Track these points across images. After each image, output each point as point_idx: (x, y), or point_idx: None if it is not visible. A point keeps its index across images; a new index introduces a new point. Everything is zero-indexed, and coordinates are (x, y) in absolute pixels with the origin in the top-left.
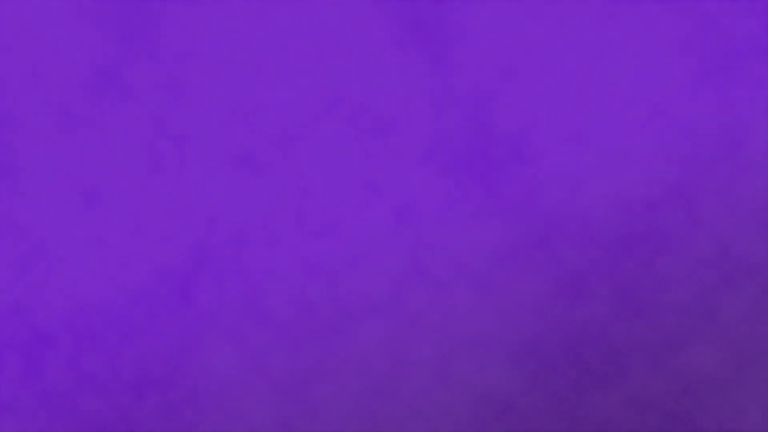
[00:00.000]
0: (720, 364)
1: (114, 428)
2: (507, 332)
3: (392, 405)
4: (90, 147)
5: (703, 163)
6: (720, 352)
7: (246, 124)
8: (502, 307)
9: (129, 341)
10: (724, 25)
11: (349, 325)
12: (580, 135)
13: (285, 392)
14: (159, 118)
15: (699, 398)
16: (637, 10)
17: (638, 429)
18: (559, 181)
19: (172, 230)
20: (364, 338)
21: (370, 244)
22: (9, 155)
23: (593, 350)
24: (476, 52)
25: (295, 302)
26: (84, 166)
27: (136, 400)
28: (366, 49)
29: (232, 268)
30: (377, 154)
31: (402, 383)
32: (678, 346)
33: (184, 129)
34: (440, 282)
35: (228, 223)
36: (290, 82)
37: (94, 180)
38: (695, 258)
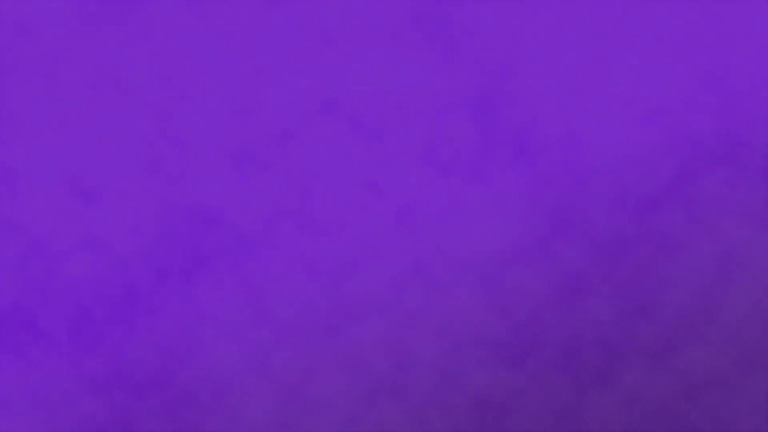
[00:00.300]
0: (719, 364)
1: (114, 428)
2: (507, 332)
3: (392, 405)
4: (89, 146)
5: (703, 163)
6: (720, 353)
7: (245, 123)
8: (502, 308)
9: (129, 341)
10: (724, 25)
11: (349, 325)
12: (580, 135)
13: (285, 392)
14: (159, 118)
15: (699, 398)
16: (637, 9)
17: (638, 429)
18: (559, 181)
19: (172, 230)
20: (364, 338)
21: (370, 243)
22: (8, 155)
23: (593, 350)
24: (477, 51)
25: (295, 302)
26: (84, 165)
27: (136, 400)
28: (366, 48)
29: (232, 268)
30: (377, 153)
31: (402, 383)
32: (678, 346)
33: (184, 129)
34: (440, 282)
35: (228, 223)
36: (290, 82)
37: (94, 179)
38: (695, 258)
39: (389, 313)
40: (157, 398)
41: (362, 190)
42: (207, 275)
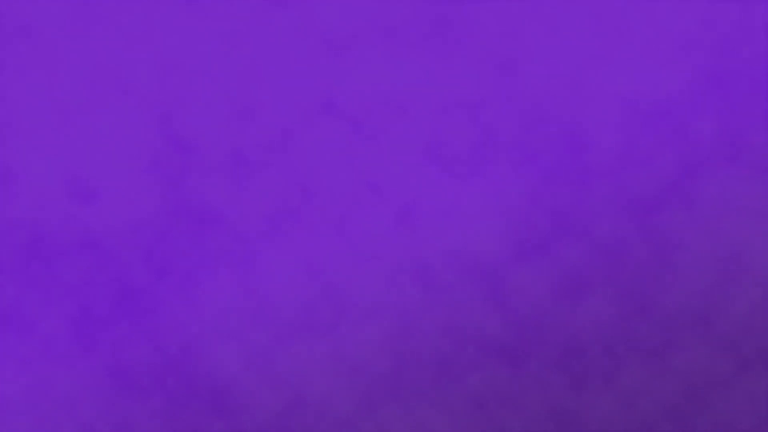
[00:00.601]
0: (719, 364)
1: (114, 428)
2: (507, 332)
3: (392, 405)
4: (89, 146)
5: (703, 163)
6: (720, 352)
7: (246, 123)
8: (502, 308)
9: (129, 341)
10: (724, 25)
11: (349, 325)
12: (580, 134)
13: (285, 392)
14: (159, 118)
15: (699, 398)
16: (637, 9)
17: (638, 429)
18: (559, 181)
19: (172, 230)
20: (364, 338)
21: (370, 243)
22: (8, 155)
23: (593, 350)
24: (477, 51)
25: (295, 302)
26: (84, 165)
27: (136, 400)
28: (366, 48)
29: (232, 268)
30: (377, 153)
31: (402, 383)
32: (678, 346)
33: (184, 129)
34: (440, 282)
35: (228, 223)
36: (290, 82)
37: (94, 179)
38: (695, 258)
39: (389, 313)
40: (157, 398)
41: (362, 190)
42: (207, 275)
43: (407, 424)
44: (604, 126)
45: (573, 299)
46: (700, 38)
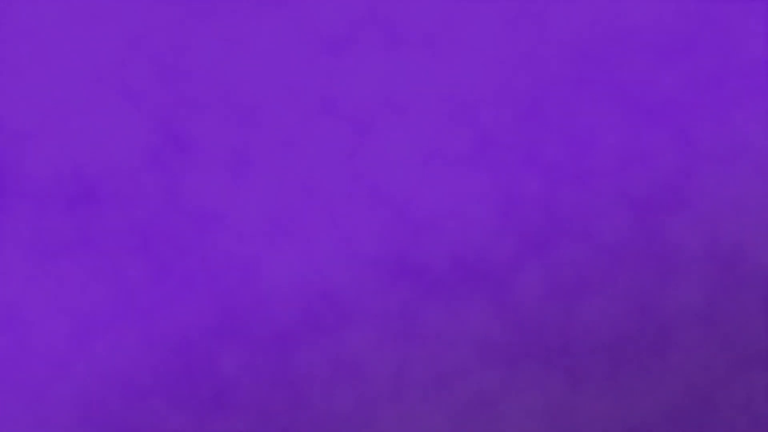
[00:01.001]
0: (720, 364)
1: (114, 428)
2: (507, 332)
3: (391, 405)
4: (90, 146)
5: (703, 163)
6: (720, 352)
7: (246, 123)
8: (501, 308)
9: (128, 342)
10: (724, 25)
11: (348, 325)
12: (580, 135)
13: (285, 392)
14: (159, 118)
15: (699, 398)
16: (637, 9)
17: (638, 429)
18: (559, 181)
19: (171, 230)
20: (363, 338)
21: (370, 243)
22: (8, 154)
23: (593, 350)
24: (477, 50)
25: (296, 302)
26: (83, 165)
27: (136, 400)
28: (366, 48)
29: (231, 268)
30: (377, 153)
31: (401, 384)
32: (678, 346)
33: (184, 129)
34: (440, 281)
35: (228, 223)
36: (290, 82)
37: (93, 179)
38: (695, 258)
39: (389, 314)
40: (157, 398)
41: (362, 190)
42: (207, 275)
43: (407, 424)
44: (604, 126)
45: (573, 299)
46: (700, 38)
